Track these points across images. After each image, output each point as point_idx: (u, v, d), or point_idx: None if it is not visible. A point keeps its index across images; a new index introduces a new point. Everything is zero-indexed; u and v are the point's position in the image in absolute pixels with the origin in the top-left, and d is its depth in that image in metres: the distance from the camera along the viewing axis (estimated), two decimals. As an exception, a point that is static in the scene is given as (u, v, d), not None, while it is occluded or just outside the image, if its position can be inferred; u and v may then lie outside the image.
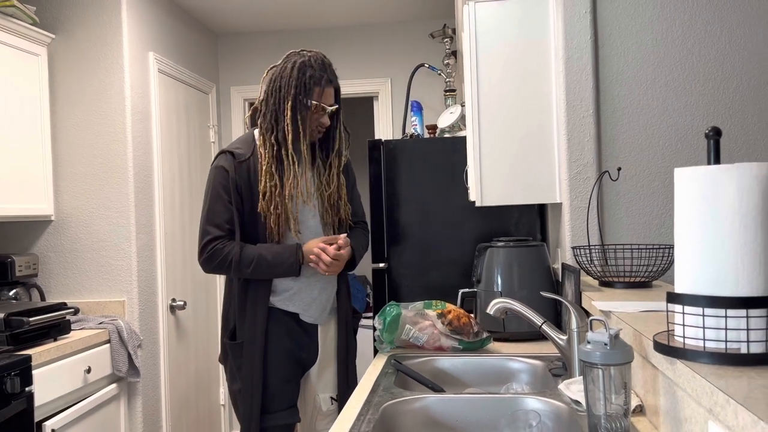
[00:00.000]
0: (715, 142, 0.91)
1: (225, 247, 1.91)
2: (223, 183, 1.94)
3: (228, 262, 1.90)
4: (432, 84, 3.84)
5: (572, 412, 1.28)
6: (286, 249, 1.91)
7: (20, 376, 2.11)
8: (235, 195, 1.92)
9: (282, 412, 1.93)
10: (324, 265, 1.90)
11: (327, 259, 1.89)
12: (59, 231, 2.96)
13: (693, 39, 1.94)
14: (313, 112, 1.91)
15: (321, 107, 1.91)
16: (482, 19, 2.08)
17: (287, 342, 1.95)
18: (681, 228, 0.92)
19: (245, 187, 1.92)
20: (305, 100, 1.89)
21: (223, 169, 1.95)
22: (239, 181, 1.92)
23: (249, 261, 1.89)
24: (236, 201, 1.93)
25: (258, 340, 1.91)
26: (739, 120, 1.92)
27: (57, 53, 2.97)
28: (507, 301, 1.60)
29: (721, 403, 0.74)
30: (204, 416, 3.71)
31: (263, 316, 1.92)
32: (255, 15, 3.80)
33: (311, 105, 1.90)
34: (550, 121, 2.05)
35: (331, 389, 2.03)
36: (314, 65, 1.91)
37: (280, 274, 1.92)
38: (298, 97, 1.89)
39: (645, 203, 1.95)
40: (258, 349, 1.91)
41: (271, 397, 1.92)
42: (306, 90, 1.89)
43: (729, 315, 0.85)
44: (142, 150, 3.10)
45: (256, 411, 1.90)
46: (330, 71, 1.94)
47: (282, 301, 1.96)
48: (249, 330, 1.93)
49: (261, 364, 1.91)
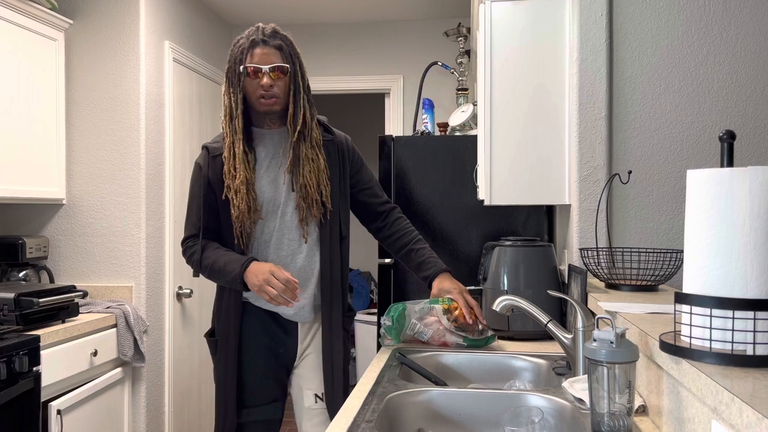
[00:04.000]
0: (729, 145, 0.92)
1: (194, 245, 1.90)
2: (198, 180, 1.91)
3: (193, 261, 1.90)
4: (444, 82, 3.85)
5: (575, 410, 1.29)
6: (235, 261, 1.82)
7: (28, 356, 2.13)
8: (207, 190, 1.88)
9: (261, 407, 1.89)
10: (267, 294, 1.74)
11: (274, 288, 1.73)
12: (70, 215, 2.99)
13: (708, 44, 1.94)
14: (251, 77, 1.81)
15: (255, 69, 1.80)
16: (498, 18, 2.08)
17: (263, 338, 1.90)
18: (691, 229, 0.93)
19: (217, 182, 1.87)
20: (236, 68, 1.82)
21: (198, 166, 1.93)
22: (212, 175, 1.88)
23: (206, 265, 1.86)
24: (208, 197, 1.88)
25: (231, 337, 1.88)
26: (752, 127, 1.92)
27: (74, 39, 3.00)
28: (513, 298, 1.61)
29: (726, 402, 0.75)
30: (206, 404, 3.74)
31: (237, 312, 1.89)
32: (270, 8, 3.82)
33: (242, 70, 1.81)
34: (562, 122, 2.06)
35: (316, 386, 1.94)
36: (244, 34, 1.85)
37: (229, 284, 1.85)
38: (231, 70, 1.84)
39: (654, 207, 1.96)
40: (232, 346, 1.88)
41: (250, 392, 1.89)
42: (236, 60, 1.83)
43: (736, 316, 0.86)
44: (155, 138, 3.12)
45: (231, 406, 1.86)
46: (262, 32, 1.83)
47: (256, 297, 1.90)
48: (224, 326, 1.90)
49: (235, 361, 1.87)
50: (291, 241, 1.89)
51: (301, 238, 1.89)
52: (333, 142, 1.96)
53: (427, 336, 1.89)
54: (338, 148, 1.97)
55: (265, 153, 1.90)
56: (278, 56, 1.83)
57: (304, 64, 1.90)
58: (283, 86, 1.84)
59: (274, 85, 1.82)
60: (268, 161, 1.90)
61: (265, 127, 1.92)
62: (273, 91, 1.82)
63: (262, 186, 1.87)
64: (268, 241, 1.89)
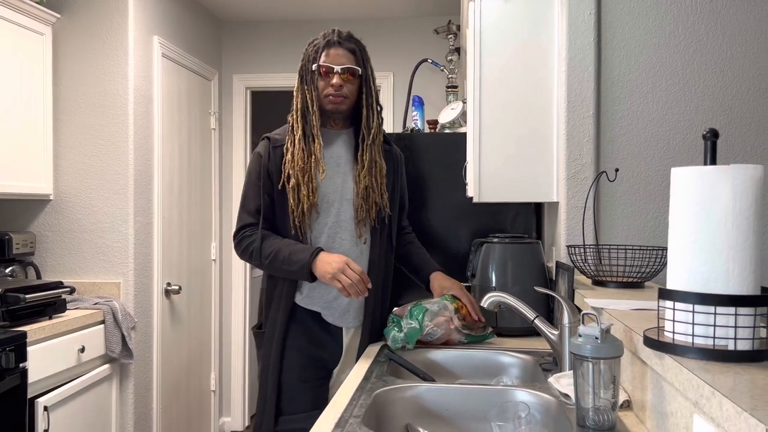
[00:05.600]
0: (712, 143, 0.93)
1: (252, 235, 1.89)
2: (256, 169, 1.93)
3: (250, 251, 1.88)
4: (434, 79, 3.85)
5: (561, 405, 1.30)
6: (303, 250, 1.82)
7: (15, 352, 2.12)
8: (266, 180, 1.90)
9: (299, 415, 1.85)
10: (341, 282, 1.76)
11: (349, 278, 1.75)
12: (57, 210, 2.97)
13: (695, 45, 1.96)
14: (322, 77, 1.88)
15: (327, 68, 1.86)
16: (487, 16, 2.09)
17: (305, 341, 1.90)
18: (675, 226, 0.94)
19: (276, 172, 1.89)
20: (309, 66, 1.89)
21: (258, 155, 1.94)
22: (271, 166, 1.90)
23: (267, 253, 1.85)
24: (266, 186, 1.90)
25: (277, 336, 1.89)
26: (737, 126, 1.94)
27: (62, 33, 2.97)
28: (501, 294, 1.62)
29: (706, 396, 0.76)
30: (195, 401, 3.73)
31: (285, 313, 1.89)
32: (260, 4, 3.81)
33: (315, 69, 1.87)
34: (550, 120, 2.07)
35: None
36: (319, 35, 1.91)
37: (292, 274, 1.84)
38: (304, 68, 1.90)
39: (640, 205, 1.98)
40: (277, 345, 1.88)
41: (289, 398, 1.87)
42: (310, 58, 1.89)
43: (718, 312, 0.88)
44: (143, 133, 3.10)
45: (269, 410, 1.86)
46: (338, 34, 1.89)
47: (304, 299, 1.91)
48: (271, 324, 1.91)
49: (278, 362, 1.88)
50: (343, 240, 1.91)
51: (353, 238, 1.91)
52: (391, 154, 2.03)
53: (436, 336, 1.83)
54: (395, 161, 2.04)
55: (327, 151, 1.92)
56: (351, 59, 1.89)
57: (374, 72, 1.97)
58: (353, 88, 1.91)
59: (344, 85, 1.88)
60: (328, 158, 1.92)
61: (328, 127, 1.96)
62: (342, 91, 1.88)
63: (321, 182, 1.89)
64: (318, 237, 1.90)
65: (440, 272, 2.04)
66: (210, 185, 4.00)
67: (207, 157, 3.96)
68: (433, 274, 2.04)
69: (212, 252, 4.02)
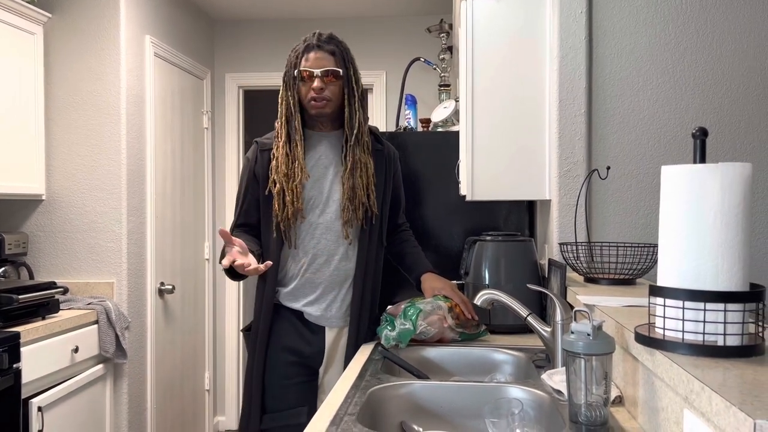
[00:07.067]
0: (702, 141, 0.94)
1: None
2: (246, 173, 1.99)
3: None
4: (427, 78, 3.86)
5: (554, 401, 1.31)
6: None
7: (8, 353, 2.12)
8: (253, 183, 1.95)
9: (282, 412, 1.87)
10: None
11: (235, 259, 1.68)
12: (50, 211, 2.96)
13: (685, 43, 1.97)
14: (304, 81, 1.89)
15: (308, 73, 1.88)
16: (479, 15, 2.10)
17: (288, 339, 1.92)
18: (665, 223, 0.95)
19: (263, 176, 1.93)
20: (292, 71, 1.91)
21: (247, 159, 2.01)
22: (258, 169, 1.94)
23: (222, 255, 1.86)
24: (254, 189, 1.95)
25: (260, 334, 1.91)
26: (726, 124, 1.96)
27: (53, 32, 2.96)
28: (494, 292, 1.63)
29: (696, 391, 0.77)
30: (189, 401, 3.73)
31: (268, 312, 1.91)
32: (253, 2, 3.80)
33: (297, 74, 1.89)
34: (542, 118, 2.08)
35: None
36: (302, 39, 1.93)
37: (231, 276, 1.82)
38: (287, 75, 1.92)
39: (632, 203, 1.99)
40: (261, 343, 1.90)
41: (272, 397, 1.89)
42: (292, 65, 1.91)
43: (708, 308, 0.89)
44: (136, 133, 3.10)
45: (255, 410, 1.88)
46: (317, 37, 1.90)
47: (287, 298, 1.94)
48: (255, 324, 1.95)
49: (262, 361, 1.90)
50: (329, 241, 1.93)
51: (339, 239, 1.92)
52: (382, 153, 2.03)
53: (430, 335, 1.84)
54: (386, 159, 2.04)
55: (313, 153, 1.95)
56: (331, 61, 1.89)
57: (359, 71, 1.97)
58: (336, 90, 1.91)
59: (326, 88, 1.89)
60: (314, 161, 1.94)
61: (316, 130, 1.98)
62: (324, 93, 1.89)
63: (307, 184, 1.91)
64: (304, 239, 1.92)
65: (432, 273, 2.05)
66: (203, 184, 4.00)
67: (200, 157, 3.96)
68: (425, 275, 2.04)
69: (206, 251, 4.01)
